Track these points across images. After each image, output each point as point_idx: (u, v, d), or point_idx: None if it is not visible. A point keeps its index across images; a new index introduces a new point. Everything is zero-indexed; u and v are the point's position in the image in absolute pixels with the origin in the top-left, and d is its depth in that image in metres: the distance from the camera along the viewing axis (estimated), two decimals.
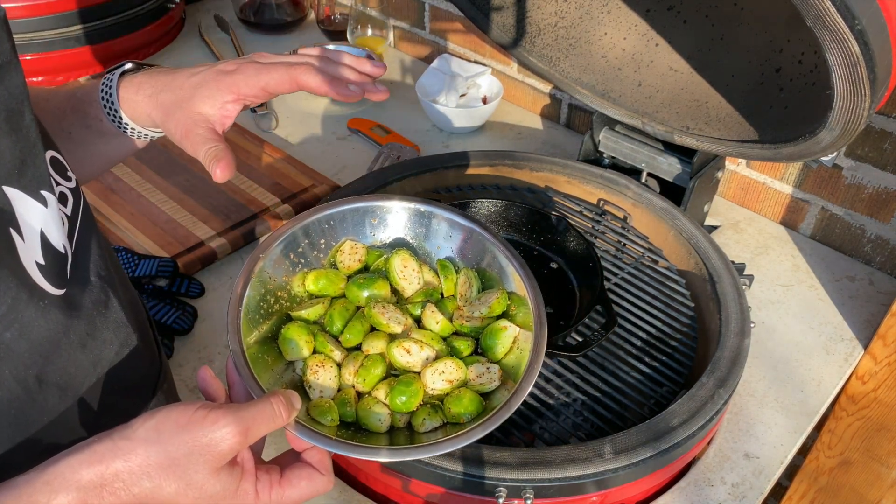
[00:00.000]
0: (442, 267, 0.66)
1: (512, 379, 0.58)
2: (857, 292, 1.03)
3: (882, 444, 1.03)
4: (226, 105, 0.59)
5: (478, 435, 0.53)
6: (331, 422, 0.55)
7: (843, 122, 0.70)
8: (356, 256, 0.66)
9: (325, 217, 0.65)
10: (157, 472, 0.43)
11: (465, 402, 0.57)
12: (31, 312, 0.43)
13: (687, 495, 0.78)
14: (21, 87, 0.44)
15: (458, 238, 0.68)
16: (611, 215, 0.98)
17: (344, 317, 0.62)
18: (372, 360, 0.59)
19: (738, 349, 0.78)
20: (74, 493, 0.41)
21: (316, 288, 0.64)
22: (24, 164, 0.44)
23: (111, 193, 1.10)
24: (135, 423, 0.44)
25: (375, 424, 0.57)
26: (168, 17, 1.49)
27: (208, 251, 1.02)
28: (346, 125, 1.32)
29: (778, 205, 1.13)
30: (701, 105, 0.95)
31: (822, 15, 0.61)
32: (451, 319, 0.63)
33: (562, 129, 1.35)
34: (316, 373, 0.58)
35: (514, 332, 0.61)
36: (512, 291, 0.64)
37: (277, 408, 0.47)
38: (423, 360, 0.59)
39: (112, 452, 0.42)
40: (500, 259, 0.65)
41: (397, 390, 0.57)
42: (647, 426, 0.70)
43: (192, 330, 0.93)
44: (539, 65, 1.04)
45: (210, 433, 0.43)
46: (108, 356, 0.51)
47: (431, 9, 1.43)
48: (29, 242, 0.44)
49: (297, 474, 0.49)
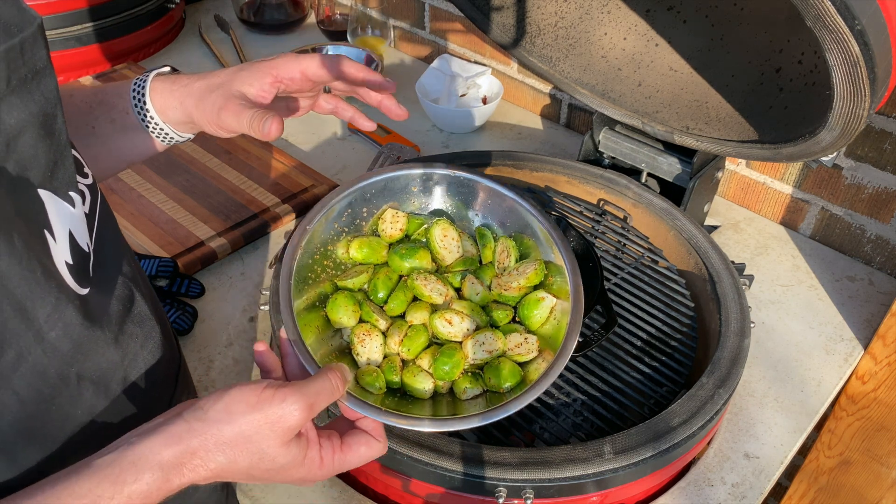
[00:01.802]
0: (480, 235, 0.68)
1: (550, 349, 0.60)
2: (857, 292, 1.03)
3: (882, 444, 1.03)
4: (263, 86, 0.61)
5: (518, 406, 0.55)
6: (378, 389, 0.58)
7: (843, 122, 0.70)
8: (398, 225, 0.67)
9: (369, 185, 0.66)
10: (232, 448, 0.46)
11: (504, 374, 0.59)
12: (71, 311, 0.45)
13: (687, 495, 0.78)
14: (55, 91, 0.45)
15: (497, 207, 0.69)
16: (611, 215, 0.98)
17: (388, 286, 0.64)
18: (415, 330, 0.62)
19: (738, 349, 0.78)
20: (158, 472, 0.44)
21: (360, 255, 0.65)
22: (56, 167, 0.45)
23: (111, 193, 1.10)
24: (205, 405, 0.47)
25: (420, 392, 0.60)
26: (168, 17, 1.49)
27: (208, 251, 1.02)
28: (346, 125, 1.32)
29: (778, 205, 1.13)
30: (701, 105, 0.95)
31: (822, 15, 0.61)
32: (489, 288, 0.65)
33: (562, 129, 1.35)
34: (363, 341, 0.60)
35: (551, 303, 0.63)
36: (549, 261, 0.65)
37: (335, 382, 0.51)
38: (465, 330, 0.62)
39: (189, 433, 0.45)
40: (537, 228, 0.66)
41: (441, 360, 0.60)
42: (647, 426, 0.70)
43: (192, 330, 0.94)
44: (539, 65, 1.04)
45: (279, 410, 0.47)
46: (134, 349, 0.52)
47: (431, 9, 1.43)
48: (60, 243, 0.45)
49: (355, 440, 0.53)
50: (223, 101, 0.60)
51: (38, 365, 0.43)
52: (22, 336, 0.41)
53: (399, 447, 0.67)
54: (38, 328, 0.42)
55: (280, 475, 0.49)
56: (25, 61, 0.42)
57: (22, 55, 0.41)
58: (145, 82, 0.63)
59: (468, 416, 0.56)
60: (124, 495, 0.43)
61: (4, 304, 0.40)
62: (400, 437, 0.68)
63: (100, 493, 0.42)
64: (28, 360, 0.42)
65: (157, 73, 0.64)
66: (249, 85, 0.61)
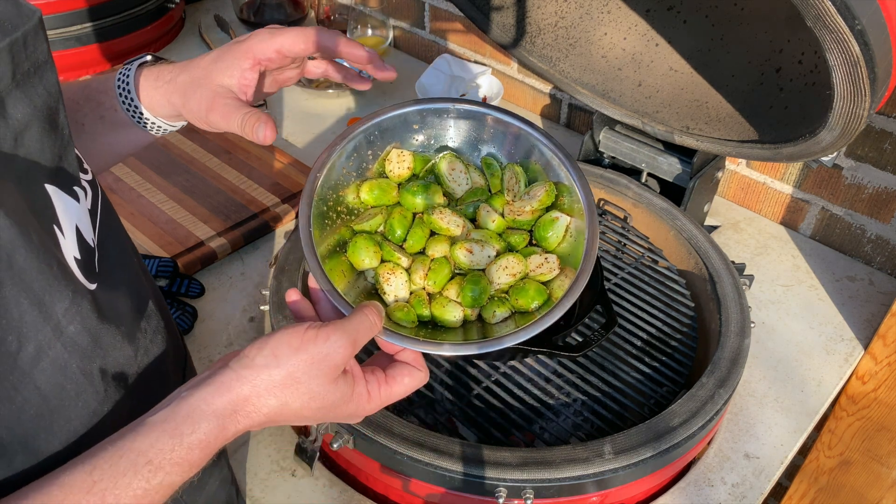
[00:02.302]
0: (487, 165, 0.68)
1: (570, 266, 0.61)
2: (857, 292, 1.03)
3: (882, 444, 1.03)
4: (244, 73, 0.60)
5: (549, 321, 0.57)
6: (411, 323, 0.59)
7: (843, 122, 0.70)
8: (404, 164, 0.67)
9: (370, 127, 0.66)
10: (282, 390, 0.47)
11: (531, 293, 0.60)
12: (87, 306, 0.45)
13: (687, 495, 0.78)
14: (56, 85, 0.45)
15: (500, 134, 0.69)
16: (611, 215, 0.98)
17: (404, 224, 0.64)
18: (438, 263, 0.62)
19: (738, 349, 0.78)
20: (214, 421, 0.45)
21: (371, 198, 0.66)
22: (61, 161, 0.45)
23: (111, 193, 1.10)
24: (250, 353, 0.48)
25: (451, 320, 0.60)
26: (168, 17, 1.49)
27: (208, 251, 1.02)
28: (345, 125, 1.32)
29: (778, 205, 1.13)
30: (701, 105, 0.95)
31: (822, 15, 0.61)
32: (502, 215, 0.65)
33: (562, 129, 1.35)
34: (388, 280, 0.61)
35: (565, 222, 0.64)
36: (558, 181, 0.66)
37: (373, 318, 0.52)
38: (486, 257, 0.63)
39: (238, 381, 0.46)
40: (543, 151, 0.66)
41: (468, 287, 0.61)
42: (647, 426, 0.70)
43: (192, 330, 0.93)
44: (539, 65, 1.04)
45: (324, 348, 0.48)
46: (146, 344, 0.53)
47: (431, 9, 1.43)
48: (68, 238, 0.45)
49: (399, 372, 0.54)
50: (209, 100, 0.59)
51: (59, 360, 0.43)
52: (41, 330, 0.41)
53: (399, 447, 0.67)
54: (57, 322, 0.42)
55: (331, 413, 0.50)
56: (28, 55, 0.42)
57: (25, 49, 0.41)
58: (129, 77, 0.62)
59: (510, 333, 0.57)
60: (184, 447, 0.44)
61: (22, 298, 0.40)
62: (401, 437, 0.68)
63: (160, 448, 0.43)
64: (49, 354, 0.42)
65: (139, 64, 0.62)
66: (230, 76, 0.59)
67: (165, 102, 0.62)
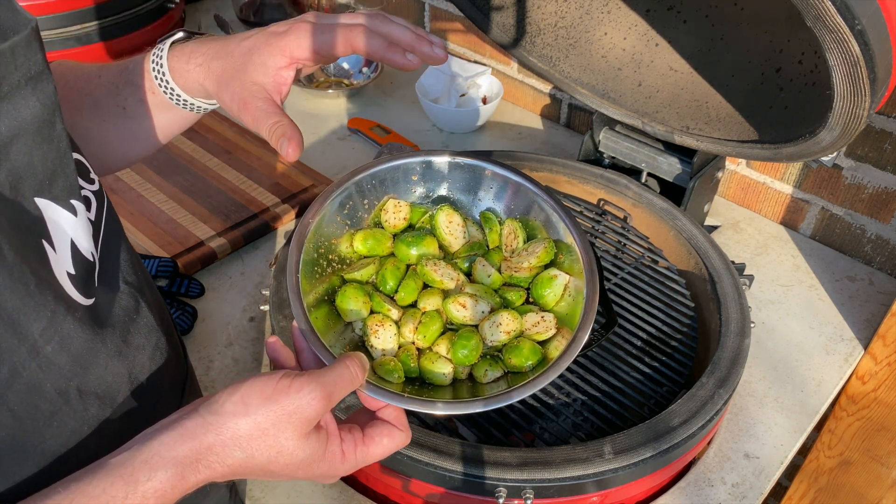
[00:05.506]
0: (485, 219, 0.67)
1: (567, 326, 0.59)
2: (857, 292, 1.03)
3: (882, 444, 1.03)
4: (280, 72, 0.57)
5: (543, 383, 0.54)
6: (397, 379, 0.57)
7: (843, 122, 0.70)
8: (400, 214, 0.66)
9: (368, 177, 0.65)
10: (248, 442, 0.44)
11: (525, 352, 0.58)
12: (70, 324, 0.43)
13: (687, 495, 0.78)
14: (52, 96, 0.43)
15: (499, 189, 0.68)
16: (611, 215, 0.98)
17: (396, 276, 0.63)
18: (429, 317, 0.60)
19: (738, 349, 0.78)
20: (173, 469, 0.42)
21: (365, 248, 0.64)
22: (56, 174, 0.44)
23: (111, 193, 1.10)
24: (220, 398, 0.45)
25: (440, 378, 0.58)
26: (168, 17, 1.49)
27: (208, 251, 1.02)
28: (346, 125, 1.32)
29: (778, 205, 1.13)
30: (701, 105, 0.95)
31: (822, 15, 0.61)
32: (499, 271, 0.64)
33: (562, 129, 1.35)
34: (376, 332, 0.59)
35: (564, 280, 0.62)
36: (558, 239, 0.65)
37: (354, 370, 0.49)
38: (480, 313, 0.61)
39: (203, 428, 0.44)
40: (544, 207, 0.65)
41: (459, 344, 0.59)
42: (647, 426, 0.70)
43: (192, 330, 0.93)
44: (539, 65, 1.04)
45: (296, 400, 0.45)
46: (142, 361, 0.51)
47: (431, 9, 1.43)
48: (60, 253, 0.44)
49: (378, 431, 0.50)
50: (241, 98, 0.56)
51: (34, 380, 0.41)
52: (15, 351, 0.40)
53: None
54: (33, 342, 0.41)
55: (301, 471, 0.47)
56: (18, 66, 0.41)
57: (14, 60, 0.40)
58: (161, 58, 0.59)
59: (500, 393, 0.54)
60: (138, 494, 0.41)
61: None
62: None
63: (113, 494, 0.41)
64: (23, 375, 0.41)
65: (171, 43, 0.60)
66: (264, 74, 0.57)
67: (198, 87, 0.60)
